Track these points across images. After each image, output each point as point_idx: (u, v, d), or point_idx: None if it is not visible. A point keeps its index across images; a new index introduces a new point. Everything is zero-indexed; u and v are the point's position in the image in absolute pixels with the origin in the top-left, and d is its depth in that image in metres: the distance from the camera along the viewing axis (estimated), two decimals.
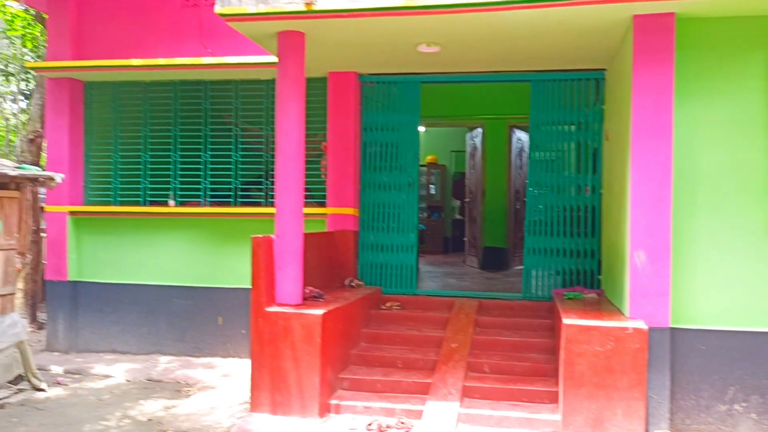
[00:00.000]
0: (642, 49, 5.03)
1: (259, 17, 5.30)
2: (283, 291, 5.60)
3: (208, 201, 7.90)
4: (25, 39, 12.53)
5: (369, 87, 7.47)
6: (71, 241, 8.03)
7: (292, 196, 5.70)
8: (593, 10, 4.99)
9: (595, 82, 6.99)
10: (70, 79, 7.96)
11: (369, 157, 7.52)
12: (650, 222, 5.02)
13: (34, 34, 12.00)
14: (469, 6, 4.95)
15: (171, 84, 7.97)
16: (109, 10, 8.02)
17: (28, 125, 9.87)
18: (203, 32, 7.64)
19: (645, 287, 5.04)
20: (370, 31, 5.70)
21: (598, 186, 7.04)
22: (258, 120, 7.82)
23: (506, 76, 7.28)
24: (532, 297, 7.14)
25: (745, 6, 4.93)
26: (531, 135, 7.28)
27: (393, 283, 7.45)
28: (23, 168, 6.64)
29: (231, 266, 7.65)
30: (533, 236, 7.20)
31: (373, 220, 7.51)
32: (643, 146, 5.03)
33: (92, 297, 8.02)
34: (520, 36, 5.73)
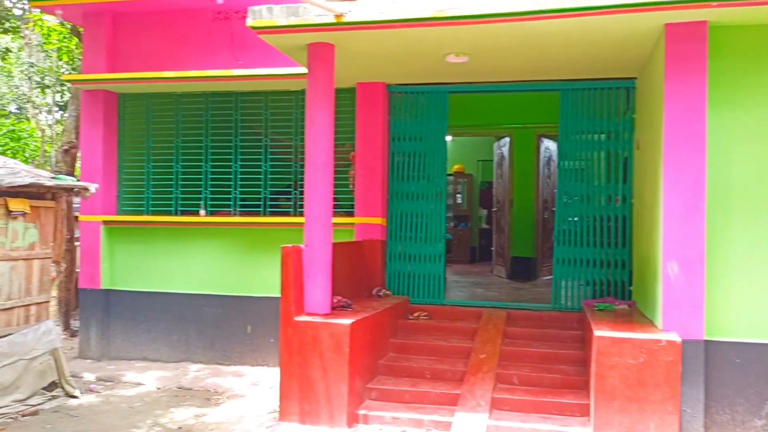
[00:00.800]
0: (674, 57, 4.98)
1: (290, 30, 5.37)
2: (312, 300, 5.64)
3: (238, 211, 7.99)
4: (61, 52, 12.84)
5: (397, 97, 7.50)
6: (104, 250, 8.17)
7: (321, 206, 5.74)
8: (624, 19, 4.95)
9: (625, 90, 6.92)
10: (105, 91, 8.13)
11: (397, 166, 7.54)
12: (683, 233, 4.95)
13: (69, 48, 12.29)
14: (498, 16, 4.95)
15: (202, 95, 8.10)
16: (142, 23, 8.19)
17: (63, 136, 10.10)
18: (234, 44, 7.77)
19: (678, 299, 4.96)
20: (399, 42, 5.73)
21: (629, 196, 6.95)
22: (287, 130, 7.90)
23: (535, 86, 7.25)
24: (561, 308, 7.07)
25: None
26: (560, 144, 7.23)
27: (420, 292, 7.44)
28: (59, 178, 6.80)
29: (260, 275, 7.71)
30: (563, 246, 7.13)
31: (400, 229, 7.52)
32: (675, 156, 4.97)
33: (124, 305, 8.16)
34: (549, 45, 5.71)
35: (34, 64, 13.82)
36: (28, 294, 6.54)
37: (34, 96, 14.80)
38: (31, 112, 15.32)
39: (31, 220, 6.54)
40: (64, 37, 12.23)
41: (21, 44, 15.26)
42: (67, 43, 12.26)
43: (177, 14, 8.04)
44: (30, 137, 16.93)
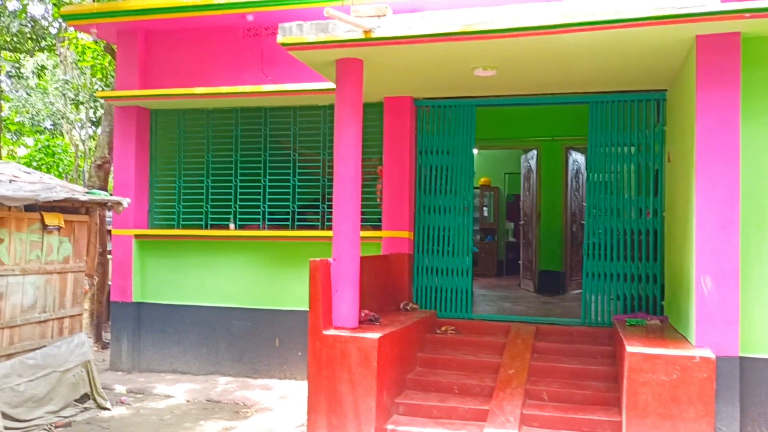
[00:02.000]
0: (706, 69, 4.92)
1: (319, 46, 5.43)
2: (340, 314, 5.65)
3: (266, 224, 8.06)
4: (95, 69, 13.15)
5: (424, 111, 7.52)
6: (136, 264, 8.30)
7: (348, 220, 5.76)
8: (654, 32, 4.91)
9: (655, 102, 6.86)
10: (137, 107, 8.30)
11: (424, 180, 7.55)
12: (717, 247, 4.86)
13: (103, 65, 12.59)
14: (526, 30, 4.95)
15: (232, 111, 8.22)
16: (174, 40, 8.36)
17: (97, 151, 10.31)
18: (264, 60, 7.88)
19: (712, 314, 4.86)
20: (427, 57, 5.76)
21: (660, 209, 6.86)
22: (315, 145, 7.97)
23: (563, 98, 7.21)
24: (591, 323, 6.98)
25: None
26: (589, 157, 7.17)
27: (448, 306, 7.40)
28: (93, 193, 6.94)
29: (288, 288, 7.76)
30: (592, 260, 7.05)
31: (427, 243, 7.52)
32: (708, 169, 4.89)
33: (155, 318, 8.26)
34: (578, 58, 5.69)
35: (69, 81, 14.16)
36: (62, 307, 6.66)
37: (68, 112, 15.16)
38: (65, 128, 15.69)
39: (66, 234, 6.67)
40: (98, 54, 12.52)
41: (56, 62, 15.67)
42: (101, 60, 12.56)
43: (208, 31, 8.20)
44: (64, 152, 17.34)
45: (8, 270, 6.02)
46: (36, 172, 7.19)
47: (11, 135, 19.70)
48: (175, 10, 7.86)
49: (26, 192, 5.94)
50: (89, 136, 15.73)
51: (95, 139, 14.01)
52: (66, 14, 8.34)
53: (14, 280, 6.08)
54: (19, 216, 6.11)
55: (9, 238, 6.02)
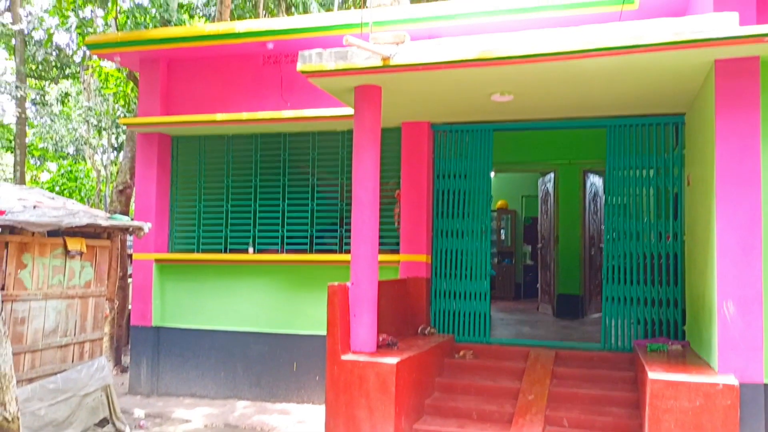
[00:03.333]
0: (725, 94, 4.91)
1: (338, 73, 5.51)
2: (358, 339, 5.64)
3: (285, 248, 8.11)
4: (117, 96, 13.41)
5: (442, 135, 7.57)
6: (156, 288, 8.37)
7: (367, 244, 5.79)
8: (673, 56, 4.92)
9: (674, 126, 6.84)
10: (159, 133, 8.43)
11: (441, 204, 7.57)
12: (739, 272, 4.81)
13: (126, 92, 12.84)
14: (544, 56, 4.98)
15: (252, 136, 8.33)
16: (195, 68, 8.52)
17: (119, 176, 10.48)
18: (283, 87, 8.00)
19: (735, 340, 4.79)
20: (445, 83, 5.82)
21: (680, 232, 6.80)
22: (334, 169, 8.04)
23: (581, 122, 7.22)
24: (611, 348, 6.90)
25: None
26: (607, 181, 7.15)
27: (466, 331, 7.37)
28: (115, 218, 7.03)
29: (306, 312, 7.77)
30: (612, 284, 6.99)
31: (445, 267, 7.51)
32: (728, 193, 4.86)
33: (174, 342, 8.30)
34: (596, 83, 5.71)
35: (92, 107, 14.45)
36: (83, 331, 6.72)
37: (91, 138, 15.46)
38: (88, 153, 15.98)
39: (88, 258, 6.76)
40: (121, 82, 12.78)
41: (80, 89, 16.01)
42: (123, 87, 12.82)
43: (229, 59, 8.36)
44: (86, 177, 17.62)
45: (31, 295, 6.10)
46: (60, 197, 7.32)
47: (35, 160, 20.10)
48: (197, 39, 8.03)
49: (50, 218, 6.03)
50: (111, 162, 16.00)
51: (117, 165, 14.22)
52: (91, 43, 8.54)
53: (36, 304, 6.16)
54: (42, 241, 6.21)
55: (32, 263, 6.12)
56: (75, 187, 16.77)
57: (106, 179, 15.88)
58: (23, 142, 14.37)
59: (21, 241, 5.94)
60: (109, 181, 15.53)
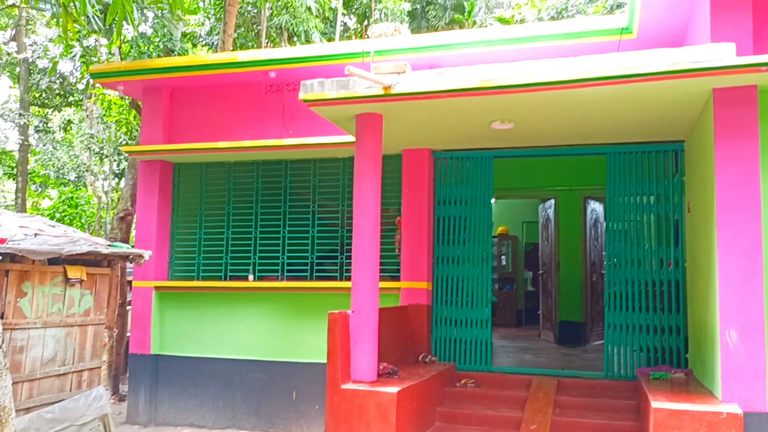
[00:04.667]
0: (723, 122, 4.95)
1: (340, 102, 5.56)
2: (359, 367, 5.60)
3: (285, 275, 8.09)
4: (120, 124, 13.51)
5: (442, 162, 7.60)
6: (155, 316, 8.33)
7: (368, 272, 5.78)
8: (671, 85, 4.97)
9: (673, 153, 6.88)
10: (161, 161, 8.47)
11: (442, 231, 7.57)
12: (741, 299, 4.80)
13: (128, 119, 12.94)
14: (543, 85, 5.03)
15: (254, 164, 8.37)
16: (198, 96, 8.59)
17: (120, 204, 10.50)
18: (285, 115, 8.06)
19: (738, 368, 4.76)
20: (445, 111, 5.86)
21: (681, 259, 6.79)
22: (335, 196, 8.06)
23: (581, 149, 7.26)
24: (614, 376, 6.84)
25: None
26: (608, 207, 7.17)
27: (467, 359, 7.31)
28: (115, 246, 7.03)
29: (305, 340, 7.72)
30: (614, 311, 6.96)
31: (446, 294, 7.48)
32: (729, 221, 4.87)
33: (172, 370, 8.23)
34: (595, 111, 5.76)
35: (94, 135, 14.56)
36: (82, 360, 6.68)
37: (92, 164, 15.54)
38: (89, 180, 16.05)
39: (87, 286, 6.74)
40: (124, 109, 12.88)
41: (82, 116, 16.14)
42: (126, 115, 12.92)
43: (231, 88, 8.43)
44: (87, 204, 17.65)
45: (30, 323, 6.07)
46: (60, 225, 7.32)
47: (36, 187, 20.16)
48: (200, 68, 8.12)
49: (50, 246, 6.03)
50: (112, 188, 16.07)
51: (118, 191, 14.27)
52: (95, 72, 8.63)
53: (35, 333, 6.13)
54: (42, 269, 6.20)
55: (32, 292, 6.10)
56: (76, 214, 16.80)
57: (107, 206, 15.92)
58: (25, 169, 14.44)
59: (21, 269, 5.93)
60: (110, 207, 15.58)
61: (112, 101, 12.81)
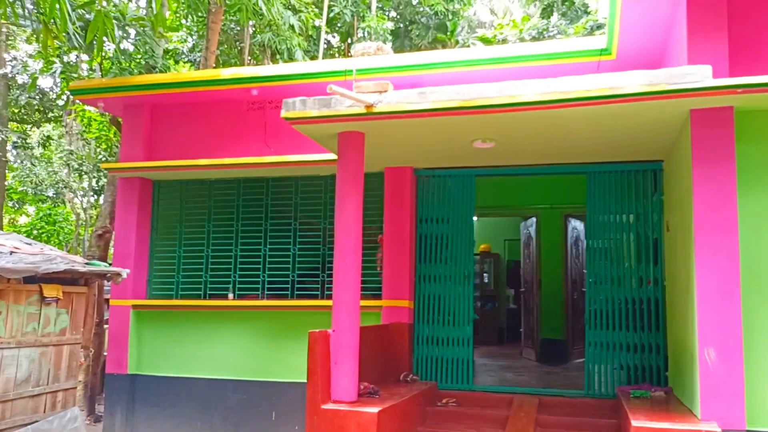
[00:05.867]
0: (700, 143, 5.01)
1: (322, 120, 5.56)
2: (339, 387, 5.54)
3: (266, 294, 8.02)
4: (100, 140, 13.39)
5: (424, 181, 7.62)
6: (132, 335, 8.20)
7: (349, 291, 5.74)
8: (650, 106, 5.03)
9: (652, 173, 6.95)
10: (141, 178, 8.39)
11: (424, 249, 7.56)
12: (719, 319, 4.83)
13: (108, 136, 12.82)
14: (524, 105, 5.07)
15: (235, 181, 8.32)
16: (179, 113, 8.55)
17: (98, 221, 10.39)
18: (267, 132, 8.04)
19: (717, 387, 4.78)
20: (427, 130, 5.88)
21: (660, 278, 6.84)
22: (316, 214, 8.03)
23: (562, 168, 7.31)
24: (595, 394, 6.84)
25: None
26: (588, 226, 7.22)
27: (449, 377, 7.28)
28: (93, 264, 6.94)
29: (285, 360, 7.64)
30: (594, 329, 6.98)
31: (428, 312, 7.46)
32: (707, 241, 4.92)
33: (150, 391, 8.09)
34: (575, 131, 5.81)
35: (74, 151, 14.41)
36: (56, 380, 6.55)
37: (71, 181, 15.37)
38: (68, 197, 15.86)
39: (64, 305, 6.63)
40: (104, 126, 12.78)
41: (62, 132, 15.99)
42: (106, 131, 12.81)
43: (212, 104, 8.40)
44: (65, 221, 17.43)
45: (4, 343, 5.95)
46: (37, 243, 7.22)
47: (13, 203, 19.87)
48: (181, 85, 8.09)
49: (26, 264, 5.94)
50: (91, 205, 15.88)
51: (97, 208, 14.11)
52: (75, 89, 8.56)
53: (9, 353, 6.00)
54: (17, 288, 6.09)
55: (6, 311, 5.98)
56: (53, 231, 16.57)
57: (86, 223, 15.73)
58: (2, 185, 14.22)
59: None
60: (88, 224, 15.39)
61: (92, 117, 12.70)
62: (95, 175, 14.71)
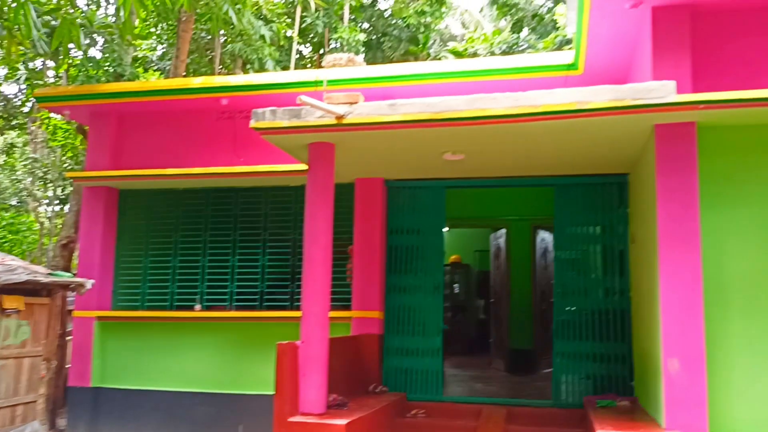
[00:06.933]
0: (664, 157, 5.11)
1: (292, 130, 5.54)
2: (307, 399, 5.50)
3: (233, 305, 7.94)
4: (65, 148, 13.13)
5: (395, 192, 7.63)
6: (96, 347, 8.03)
7: (318, 302, 5.71)
8: (615, 121, 5.12)
9: (618, 186, 7.07)
10: (107, 187, 8.25)
11: (394, 260, 7.57)
12: (682, 330, 4.91)
13: (74, 144, 12.59)
14: (493, 118, 5.12)
15: (203, 191, 8.23)
16: (147, 122, 8.45)
17: (63, 231, 10.17)
18: (237, 142, 7.98)
19: (680, 396, 4.86)
20: (397, 142, 5.91)
21: (626, 289, 6.95)
22: (286, 224, 7.99)
23: (530, 181, 7.41)
24: (562, 404, 6.91)
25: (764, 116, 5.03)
26: (556, 238, 7.31)
27: (418, 388, 7.27)
28: (56, 275, 6.79)
29: (254, 372, 7.55)
30: (562, 340, 7.05)
31: (397, 323, 7.46)
32: (670, 253, 5.01)
33: (114, 404, 7.92)
34: (543, 144, 5.89)
35: (39, 159, 14.12)
36: (16, 394, 6.38)
37: (35, 189, 15.05)
38: (31, 205, 15.52)
39: (25, 317, 6.48)
40: (70, 134, 12.54)
41: (26, 140, 15.66)
42: (72, 139, 12.58)
43: (182, 114, 8.32)
44: (28, 230, 17.02)
45: None
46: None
47: None
48: (149, 93, 8.01)
49: None
50: (56, 214, 15.56)
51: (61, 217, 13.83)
52: (40, 96, 8.40)
53: None
54: None
55: None
56: (16, 240, 16.17)
57: (50, 232, 15.39)
58: None
59: None
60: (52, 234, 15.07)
61: (57, 125, 12.46)
62: (60, 183, 14.41)
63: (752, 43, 5.51)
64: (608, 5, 5.54)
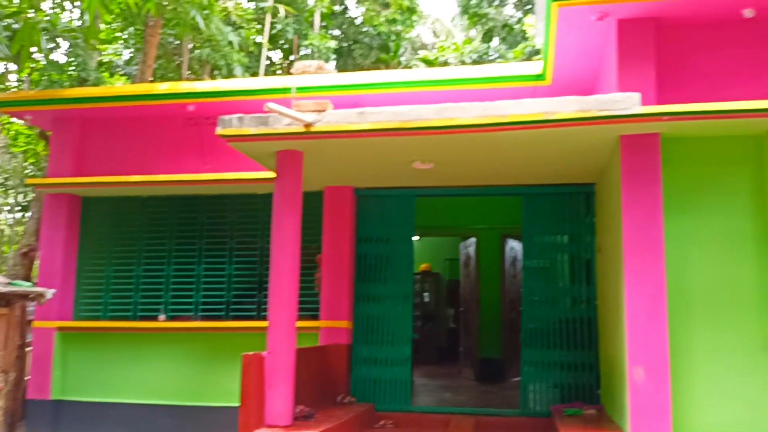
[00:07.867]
0: (629, 168, 5.18)
1: (260, 138, 5.47)
2: (273, 411, 5.40)
3: (199, 315, 7.80)
4: (27, 155, 12.81)
5: (364, 200, 7.60)
6: (57, 358, 7.81)
7: (285, 312, 5.63)
8: (581, 131, 5.17)
9: (585, 195, 7.15)
10: (69, 194, 8.05)
11: (363, 269, 7.53)
12: (647, 338, 4.97)
13: (36, 150, 12.29)
14: (461, 127, 5.13)
15: (168, 199, 8.07)
16: (111, 128, 8.26)
17: (23, 239, 9.89)
18: (203, 149, 7.86)
19: (645, 405, 4.90)
20: (367, 150, 5.88)
21: (593, 297, 7.02)
22: (253, 233, 7.88)
23: (499, 190, 7.44)
24: (529, 413, 6.93)
25: (726, 128, 5.14)
26: (524, 247, 7.35)
27: (386, 398, 7.23)
28: (15, 284, 6.59)
29: (220, 383, 7.42)
30: (530, 348, 7.08)
31: (366, 333, 7.41)
32: (635, 262, 5.06)
33: (74, 417, 7.70)
34: (511, 154, 5.92)
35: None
36: None
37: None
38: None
39: None
40: (32, 139, 12.24)
41: None
42: (34, 145, 12.28)
43: (147, 120, 8.16)
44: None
45: None
46: None
47: None
48: (114, 99, 7.84)
49: None
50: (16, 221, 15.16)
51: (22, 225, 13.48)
52: (1, 101, 8.16)
53: None
54: None
55: None
56: None
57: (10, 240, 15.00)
58: None
59: None
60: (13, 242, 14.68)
61: (19, 130, 12.16)
62: (21, 190, 14.07)
63: (715, 56, 5.63)
64: (575, 17, 5.60)
